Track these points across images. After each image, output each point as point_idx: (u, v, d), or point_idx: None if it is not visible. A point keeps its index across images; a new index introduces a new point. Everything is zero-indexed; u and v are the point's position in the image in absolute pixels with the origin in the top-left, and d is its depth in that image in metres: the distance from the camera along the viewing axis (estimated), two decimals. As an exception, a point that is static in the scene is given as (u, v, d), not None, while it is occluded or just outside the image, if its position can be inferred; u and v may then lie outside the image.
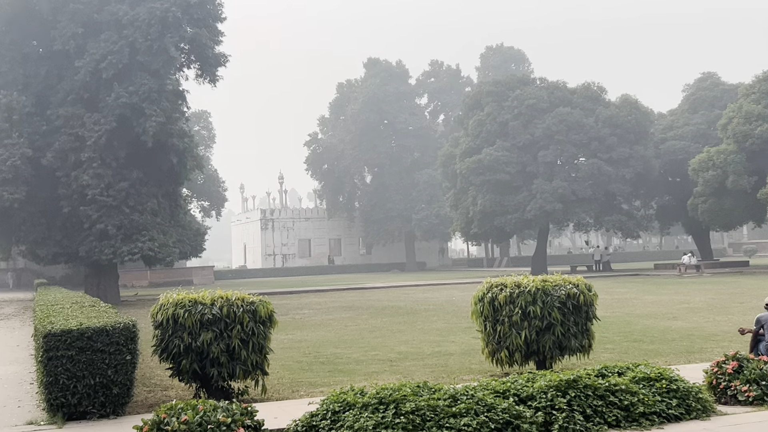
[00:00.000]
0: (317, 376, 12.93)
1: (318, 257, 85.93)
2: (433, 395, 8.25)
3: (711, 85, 58.79)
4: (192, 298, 10.49)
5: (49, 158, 33.16)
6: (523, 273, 13.07)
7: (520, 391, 8.60)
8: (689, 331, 17.60)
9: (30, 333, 19.36)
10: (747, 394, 9.50)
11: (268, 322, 10.68)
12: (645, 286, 35.97)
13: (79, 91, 33.66)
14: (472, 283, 40.26)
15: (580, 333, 11.63)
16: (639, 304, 25.63)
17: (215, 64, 35.14)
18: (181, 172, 35.66)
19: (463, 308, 24.68)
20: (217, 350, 10.18)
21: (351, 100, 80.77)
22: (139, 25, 32.69)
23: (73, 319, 10.57)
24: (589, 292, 11.74)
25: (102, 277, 35.78)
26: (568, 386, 8.63)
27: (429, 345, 16.55)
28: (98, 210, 33.00)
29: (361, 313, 25.78)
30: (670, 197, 57.00)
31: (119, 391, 9.75)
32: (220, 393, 10.46)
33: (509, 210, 52.17)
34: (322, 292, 40.80)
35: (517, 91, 54.11)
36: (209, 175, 64.91)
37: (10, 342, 19.52)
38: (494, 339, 11.83)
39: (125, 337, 9.84)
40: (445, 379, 11.97)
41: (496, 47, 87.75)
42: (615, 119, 52.29)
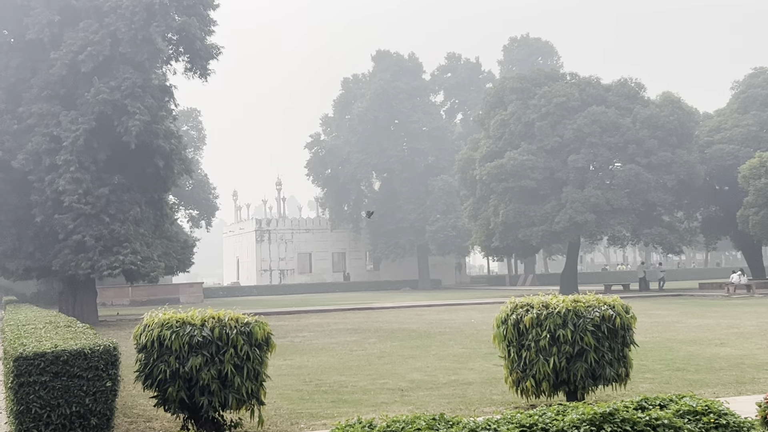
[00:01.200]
0: (319, 406, 12.92)
1: (319, 273, 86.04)
2: (451, 429, 8.22)
3: (763, 82, 58.72)
4: (180, 318, 10.50)
5: (20, 161, 33.30)
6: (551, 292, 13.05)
7: (549, 425, 8.56)
8: (739, 359, 17.51)
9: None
10: (805, 431, 9.44)
11: (265, 345, 10.68)
12: (689, 308, 35.83)
13: (55, 86, 33.83)
14: (494, 303, 40.21)
15: (616, 360, 11.58)
16: (682, 329, 25.52)
17: (206, 57, 35.30)
18: (168, 177, 35.78)
19: (483, 331, 24.65)
20: (208, 377, 10.18)
21: (358, 97, 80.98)
22: (122, 12, 32.88)
23: (47, 340, 10.60)
24: (626, 314, 11.70)
25: (78, 294, 35.89)
26: (603, 420, 8.58)
27: (445, 372, 16.51)
28: (75, 219, 33.12)
29: (368, 337, 25.76)
30: (717, 208, 56.86)
31: (98, 421, 9.75)
32: (210, 425, 10.46)
33: (535, 221, 52.11)
34: (324, 312, 40.82)
35: (545, 88, 54.15)
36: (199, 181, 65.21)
37: (-25, 366, 19.56)
38: (519, 366, 11.80)
39: (105, 362, 9.85)
40: (463, 411, 11.94)
41: (520, 39, 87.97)
42: (655, 120, 52.23)
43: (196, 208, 67.02)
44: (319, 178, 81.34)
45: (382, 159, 76.88)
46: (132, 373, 10.94)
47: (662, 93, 56.05)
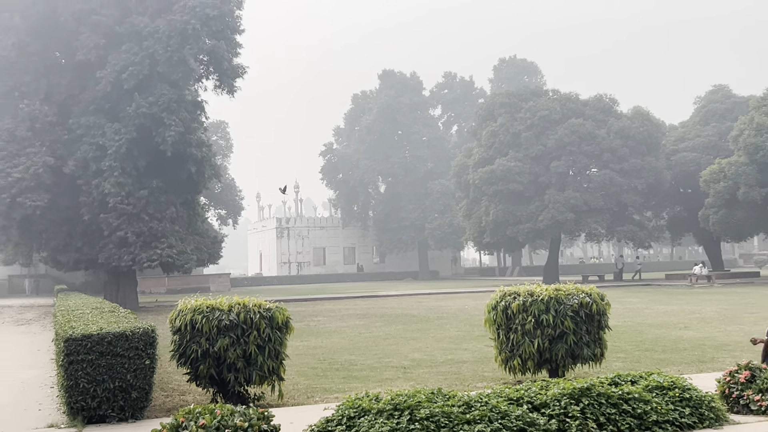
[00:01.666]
0: (332, 382, 12.90)
1: (332, 265, 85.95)
2: (448, 402, 8.21)
3: (722, 98, 58.53)
4: (209, 304, 10.50)
5: (70, 167, 33.35)
6: (535, 282, 13.02)
7: (534, 398, 8.54)
8: (701, 340, 17.46)
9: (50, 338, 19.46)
10: (760, 404, 9.41)
11: (284, 328, 10.67)
12: (656, 296, 35.75)
13: (100, 101, 33.85)
14: (485, 291, 40.15)
15: (592, 342, 11.57)
16: (650, 314, 25.46)
17: (233, 76, 35.26)
18: (199, 181, 35.76)
19: (475, 316, 24.62)
20: (234, 356, 10.18)
21: (366, 111, 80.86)
22: (159, 36, 32.88)
23: (94, 324, 10.61)
24: (601, 302, 11.69)
25: (121, 284, 35.89)
26: (581, 394, 8.56)
27: (442, 352, 16.49)
28: (118, 217, 33.13)
29: (374, 321, 25.73)
30: (681, 208, 56.71)
31: (138, 395, 9.77)
32: (236, 398, 10.46)
33: (521, 220, 52.04)
34: (336, 299, 40.79)
35: (530, 103, 54.04)
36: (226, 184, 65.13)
37: (31, 346, 19.62)
38: (507, 347, 11.78)
39: (144, 342, 9.86)
40: (458, 386, 11.91)
41: (509, 59, 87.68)
42: (627, 131, 52.11)
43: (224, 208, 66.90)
44: (332, 181, 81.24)
45: (387, 165, 76.75)
46: (168, 352, 10.94)
47: (633, 107, 55.88)
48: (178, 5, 33.55)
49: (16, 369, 15.22)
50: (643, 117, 53.57)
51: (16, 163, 32.21)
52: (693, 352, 15.57)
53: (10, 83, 34.20)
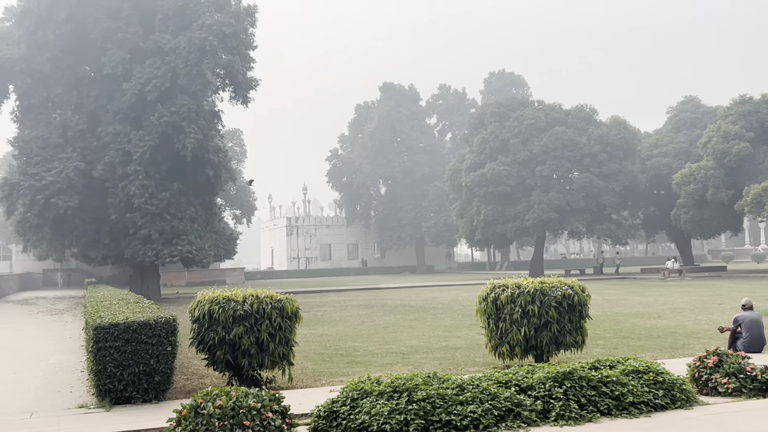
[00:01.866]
0: (337, 366, 12.89)
1: (337, 260, 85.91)
2: (442, 385, 8.20)
3: (692, 108, 58.54)
4: (225, 296, 10.50)
5: (99, 170, 33.36)
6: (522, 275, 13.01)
7: (521, 381, 8.54)
8: (673, 329, 17.44)
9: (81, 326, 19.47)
10: (726, 386, 9.41)
11: (294, 317, 10.67)
12: (632, 289, 35.72)
13: (126, 111, 33.86)
14: (476, 284, 40.13)
15: (574, 330, 11.55)
16: (627, 305, 25.43)
17: (247, 88, 35.23)
18: (216, 184, 35.77)
19: (468, 307, 24.61)
20: (248, 343, 10.17)
21: (368, 119, 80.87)
22: (180, 52, 32.87)
23: (120, 314, 10.61)
24: (582, 293, 11.67)
25: (145, 277, 35.90)
26: (564, 378, 8.56)
27: (437, 340, 16.48)
28: (142, 217, 33.15)
29: (375, 311, 25.71)
30: (655, 208, 56.69)
31: (160, 378, 9.77)
32: (250, 381, 10.45)
33: (509, 219, 52.01)
34: (341, 291, 40.76)
35: (517, 112, 54.01)
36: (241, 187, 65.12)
37: (63, 334, 19.62)
38: (497, 335, 11.77)
39: (166, 330, 9.86)
40: (452, 370, 11.90)
41: (498, 73, 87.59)
42: (605, 138, 52.09)
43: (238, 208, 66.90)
44: (337, 184, 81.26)
45: (387, 169, 76.78)
46: (187, 340, 10.94)
47: (611, 116, 55.87)
48: (197, 23, 33.53)
49: (49, 355, 15.23)
50: (621, 125, 53.58)
51: (49, 167, 32.23)
52: (666, 339, 15.56)
53: (44, 95, 34.24)
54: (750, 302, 13.67)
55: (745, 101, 49.21)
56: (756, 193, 43.16)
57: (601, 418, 8.19)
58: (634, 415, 8.31)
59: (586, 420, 8.08)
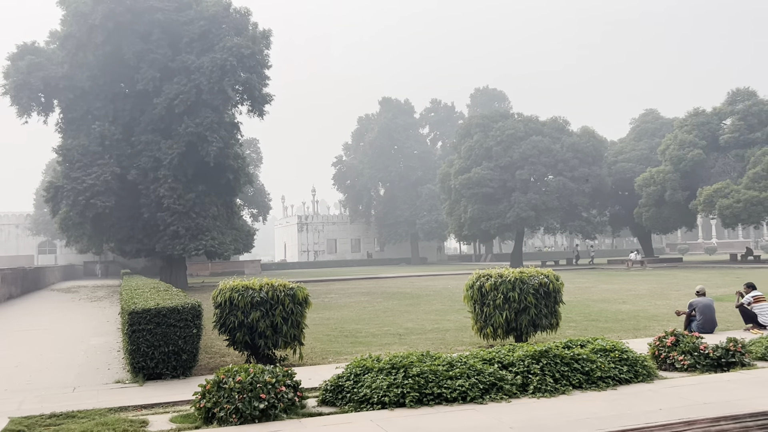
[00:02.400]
0: (342, 346, 12.89)
1: (342, 253, 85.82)
2: (434, 362, 8.21)
3: (652, 119, 58.54)
4: (244, 284, 10.49)
5: (133, 175, 33.32)
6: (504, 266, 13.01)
7: (503, 359, 8.54)
8: (636, 312, 17.45)
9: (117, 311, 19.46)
10: (682, 362, 9.43)
11: (304, 303, 10.67)
12: (600, 278, 35.73)
13: (157, 123, 33.81)
14: (464, 274, 40.13)
15: (549, 314, 11.56)
16: (595, 291, 25.44)
17: (262, 102, 35.19)
18: (236, 186, 35.73)
19: (457, 294, 24.61)
20: (264, 325, 10.17)
21: (368, 130, 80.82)
22: (204, 71, 32.82)
23: (152, 300, 10.61)
24: (557, 282, 11.67)
25: (173, 268, 35.86)
26: (541, 355, 8.57)
27: (430, 322, 16.48)
28: (171, 215, 33.11)
29: (376, 297, 25.71)
30: (620, 207, 56.75)
31: (187, 357, 9.77)
32: (266, 359, 10.46)
33: (492, 217, 52.01)
34: (345, 280, 40.73)
35: (500, 123, 53.97)
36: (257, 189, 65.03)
37: (101, 318, 19.60)
38: (482, 318, 11.78)
39: (192, 315, 9.86)
40: (442, 349, 11.91)
41: (482, 89, 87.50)
42: (577, 145, 52.07)
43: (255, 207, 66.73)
44: (342, 186, 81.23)
45: (385, 173, 76.75)
46: (211, 323, 10.93)
47: (582, 127, 55.80)
48: (219, 46, 33.48)
49: (90, 336, 15.21)
50: (590, 135, 53.56)
51: (89, 172, 32.19)
52: (629, 321, 15.57)
53: (84, 108, 34.19)
54: (703, 289, 13.70)
55: (698, 113, 49.29)
56: (708, 194, 43.24)
57: (573, 391, 8.20)
58: (602, 388, 8.32)
59: (560, 393, 8.09)
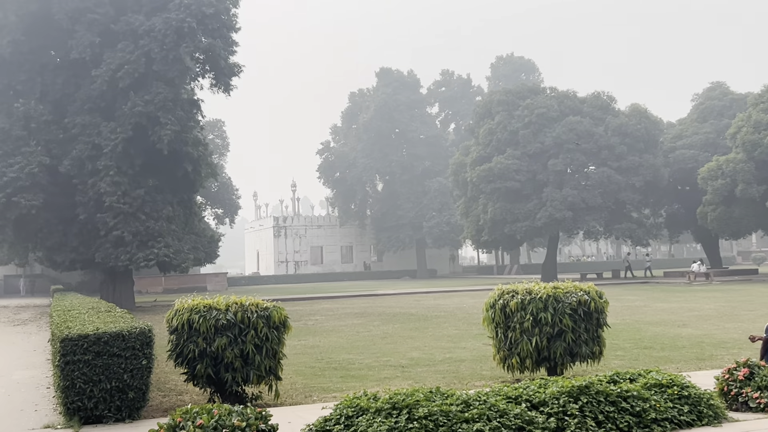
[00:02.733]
0: (330, 381, 12.90)
1: (330, 264, 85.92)
2: (446, 401, 8.21)
3: (720, 95, 58.59)
4: (207, 303, 10.49)
5: (66, 166, 33.32)
6: (533, 280, 13.02)
7: (532, 396, 8.55)
8: (699, 338, 17.48)
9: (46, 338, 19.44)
10: (758, 401, 9.42)
11: (282, 327, 10.67)
12: (654, 294, 35.77)
13: (96, 100, 33.81)
14: (483, 290, 40.15)
15: (590, 340, 11.56)
16: (649, 312, 25.47)
17: (229, 74, 35.21)
18: (196, 180, 35.75)
19: (474, 315, 24.62)
20: (232, 355, 10.17)
21: (363, 109, 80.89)
22: (155, 35, 32.83)
23: (90, 324, 10.60)
24: (600, 299, 11.68)
25: (117, 283, 35.86)
26: (580, 392, 8.57)
27: (440, 351, 16.49)
28: (114, 217, 33.11)
29: (372, 320, 25.72)
30: (680, 205, 56.77)
31: (135, 395, 9.76)
32: (234, 398, 10.45)
33: (519, 218, 52.04)
34: (334, 298, 40.76)
35: (528, 100, 54.05)
36: (223, 183, 65.04)
37: (27, 347, 19.58)
38: (505, 345, 11.78)
39: (141, 342, 9.85)
40: (456, 384, 11.92)
41: (506, 57, 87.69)
42: (624, 128, 52.14)
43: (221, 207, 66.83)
44: (329, 180, 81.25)
45: (384, 163, 76.78)
46: (165, 352, 10.93)
47: (631, 104, 55.90)
48: (174, 3, 33.48)
49: (12, 369, 15.20)
50: (641, 114, 53.63)
51: (11, 162, 32.16)
52: (691, 349, 15.59)
53: (4, 82, 34.22)
54: (784, 308, 13.69)
55: (778, 87, 49.28)
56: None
57: (620, 437, 8.20)
58: (657, 433, 8.33)
59: (604, 439, 8.10)
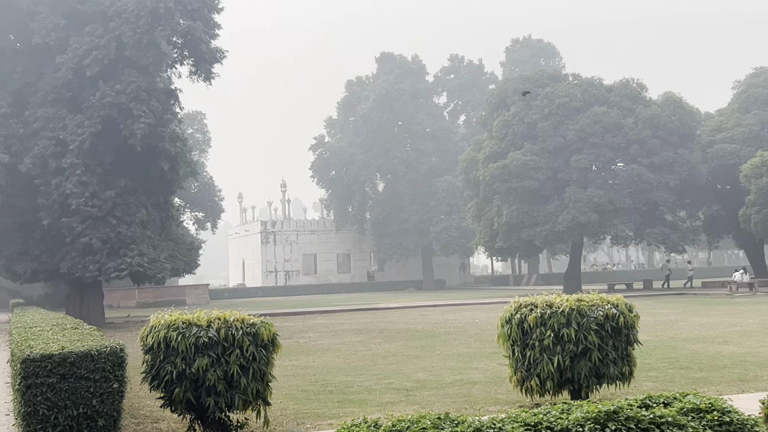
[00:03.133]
0: (325, 406, 12.90)
1: (324, 274, 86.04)
2: (456, 428, 8.19)
3: (764, 82, 58.67)
4: (186, 319, 10.48)
5: (27, 164, 33.34)
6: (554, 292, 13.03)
7: (554, 423, 8.52)
8: (742, 356, 17.45)
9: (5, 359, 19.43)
10: (809, 428, 9.40)
11: (271, 346, 10.66)
12: (691, 307, 35.75)
13: (61, 90, 33.86)
14: (498, 303, 40.17)
15: (619, 359, 11.54)
16: (685, 327, 25.46)
17: (211, 60, 35.27)
18: (173, 180, 35.80)
19: (487, 331, 24.62)
20: (214, 377, 10.16)
21: (362, 99, 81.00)
22: (127, 17, 32.89)
23: (54, 342, 10.59)
24: (630, 313, 11.65)
25: (85, 297, 35.90)
26: (607, 418, 8.55)
27: (450, 372, 16.49)
28: (82, 221, 33.14)
29: (373, 337, 25.73)
30: (719, 207, 56.75)
31: (105, 423, 9.74)
32: (217, 425, 10.45)
33: (538, 221, 52.07)
34: (329, 313, 40.79)
35: (547, 89, 54.12)
36: (204, 183, 65.20)
37: (-17, 368, 19.56)
38: (523, 365, 11.77)
39: (112, 363, 9.83)
40: (468, 410, 11.91)
41: (523, 40, 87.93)
42: (657, 120, 52.18)
43: (201, 210, 66.98)
44: (324, 179, 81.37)
45: (385, 160, 76.88)
46: (139, 374, 10.92)
47: (664, 93, 55.98)
48: (148, -19, 33.58)
49: (-34, 394, 15.19)
50: (676, 104, 53.66)
51: (-35, 160, 32.25)
52: (733, 369, 15.57)
53: (-44, 70, 34.30)
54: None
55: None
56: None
57: (653, 469, 8.19)
58: (695, 464, 8.31)
59: (636, 471, 8.08)
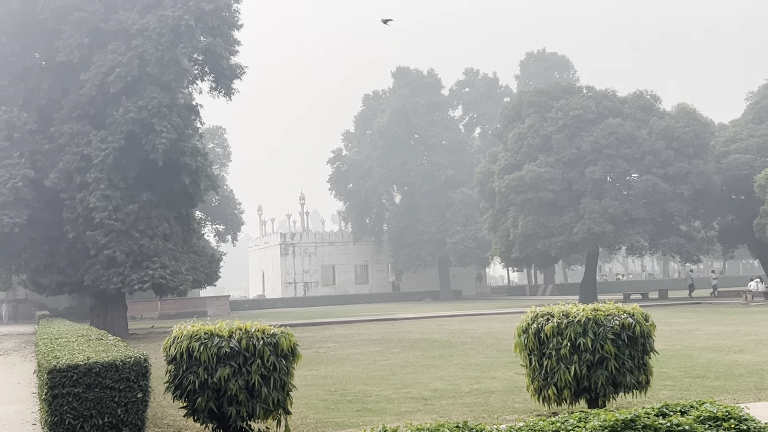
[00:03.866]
0: (344, 415, 12.89)
1: (343, 285, 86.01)
2: (474, 437, 8.18)
3: (778, 92, 58.30)
4: (208, 330, 10.52)
5: (52, 179, 33.58)
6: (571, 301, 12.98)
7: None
8: (759, 365, 17.33)
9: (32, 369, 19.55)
10: (827, 436, 9.32)
11: (291, 356, 10.67)
12: (707, 316, 35.52)
13: (85, 107, 34.11)
14: (514, 312, 40.05)
15: (636, 368, 11.49)
16: (701, 336, 25.30)
17: (231, 76, 35.43)
18: (195, 194, 35.92)
19: (504, 341, 24.56)
20: (236, 387, 10.19)
21: (378, 112, 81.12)
22: (149, 34, 33.12)
23: (80, 353, 10.65)
24: (646, 323, 11.61)
25: (109, 308, 36.03)
26: (624, 426, 8.51)
27: (467, 381, 16.45)
28: (105, 235, 33.29)
29: (391, 347, 25.70)
30: (734, 217, 56.39)
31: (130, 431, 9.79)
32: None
33: (554, 232, 51.89)
34: (348, 323, 40.77)
35: (562, 101, 54.02)
36: (224, 196, 65.42)
37: (10, 379, 19.70)
38: (540, 375, 11.73)
39: (136, 373, 9.88)
40: (486, 419, 11.88)
41: (537, 53, 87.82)
42: (671, 131, 51.95)
43: (222, 222, 67.19)
44: (341, 192, 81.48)
45: (402, 173, 76.92)
46: (162, 384, 10.96)
47: (678, 104, 55.76)
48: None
49: (-6, 404, 15.29)
50: (689, 115, 53.42)
51: (-8, 176, 32.51)
52: (750, 378, 15.45)
53: (-17, 87, 34.62)
54: None
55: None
56: None
57: (671, 477, 8.14)
58: (712, 472, 8.25)
59: (653, 479, 8.04)
